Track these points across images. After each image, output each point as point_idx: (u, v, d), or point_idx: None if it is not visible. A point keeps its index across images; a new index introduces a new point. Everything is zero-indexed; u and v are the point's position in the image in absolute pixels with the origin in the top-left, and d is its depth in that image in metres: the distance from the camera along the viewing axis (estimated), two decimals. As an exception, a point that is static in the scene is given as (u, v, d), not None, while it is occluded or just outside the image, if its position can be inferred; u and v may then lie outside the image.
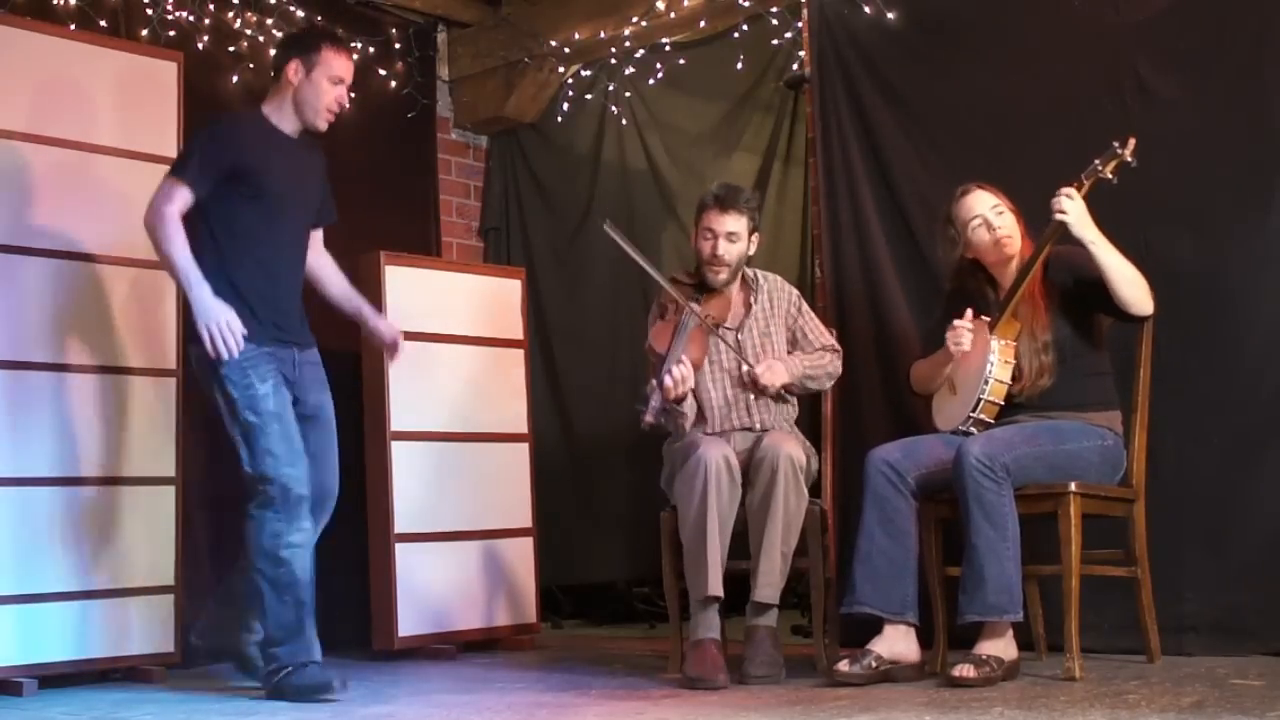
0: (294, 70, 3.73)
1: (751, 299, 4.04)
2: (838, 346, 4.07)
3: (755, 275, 4.08)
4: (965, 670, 3.29)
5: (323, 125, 3.78)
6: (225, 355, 3.55)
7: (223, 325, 3.54)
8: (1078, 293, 3.58)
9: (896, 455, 3.55)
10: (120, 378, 4.10)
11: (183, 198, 3.61)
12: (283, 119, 3.78)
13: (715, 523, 3.63)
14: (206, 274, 3.60)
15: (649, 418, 3.72)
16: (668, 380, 3.71)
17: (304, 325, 3.83)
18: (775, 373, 3.89)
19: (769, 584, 3.66)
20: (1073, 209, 3.44)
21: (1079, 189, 3.46)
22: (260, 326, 3.66)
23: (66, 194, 4.05)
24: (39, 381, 3.94)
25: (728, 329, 3.99)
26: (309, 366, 3.80)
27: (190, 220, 3.64)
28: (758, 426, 3.93)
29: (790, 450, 3.69)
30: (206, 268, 3.61)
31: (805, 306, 4.10)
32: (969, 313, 3.60)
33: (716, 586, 3.62)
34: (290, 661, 3.58)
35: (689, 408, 3.91)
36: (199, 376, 3.71)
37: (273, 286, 3.72)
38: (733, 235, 3.93)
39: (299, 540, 3.60)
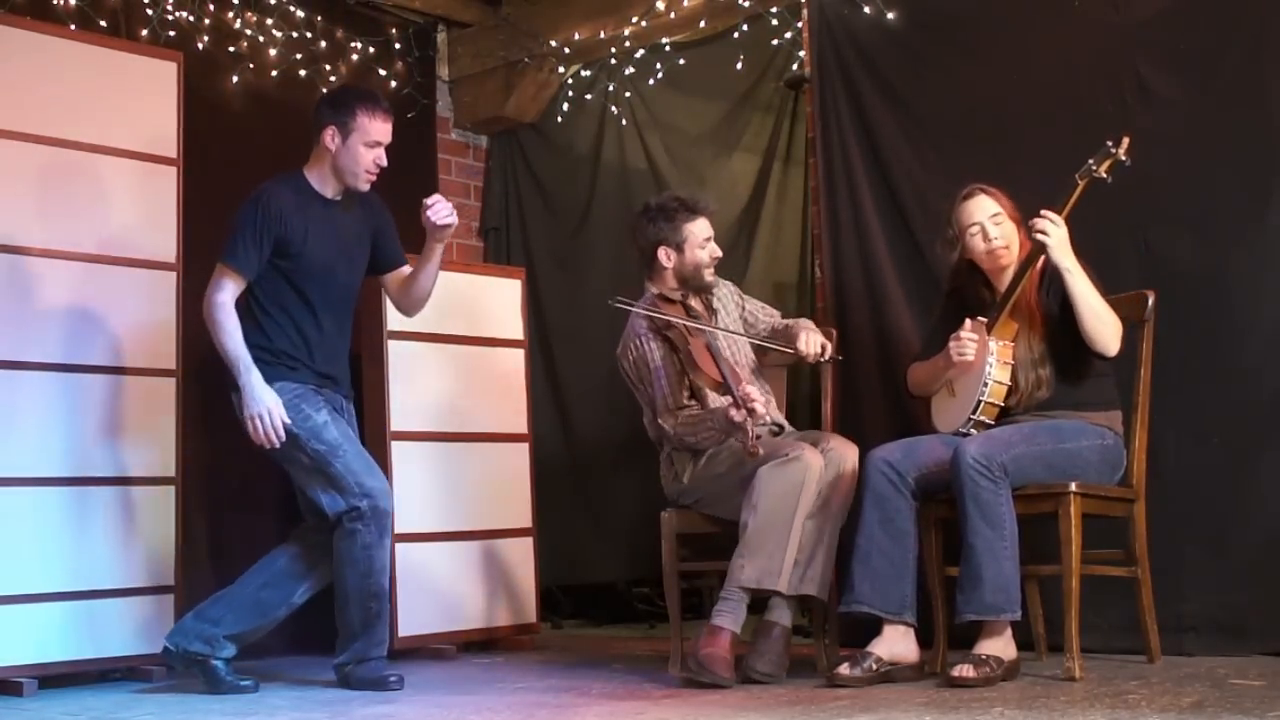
0: (330, 137, 3.79)
1: (715, 301, 4.06)
2: (777, 313, 4.18)
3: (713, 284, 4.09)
4: (965, 670, 3.29)
5: (364, 187, 3.85)
6: (267, 445, 3.66)
7: (267, 416, 3.64)
8: (1065, 310, 3.56)
9: (897, 455, 3.55)
10: (120, 378, 4.10)
11: (233, 286, 3.72)
12: (324, 183, 3.84)
13: (800, 521, 3.62)
14: (247, 337, 3.71)
15: (758, 449, 3.55)
16: (758, 409, 3.64)
17: (345, 380, 3.93)
18: (817, 336, 3.93)
19: (824, 582, 3.67)
20: (1055, 233, 3.44)
21: (1073, 191, 3.46)
22: (305, 372, 3.78)
23: (66, 194, 4.05)
24: (39, 381, 3.94)
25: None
26: (346, 414, 3.91)
27: None
28: (770, 422, 3.93)
29: (854, 457, 3.72)
30: (247, 332, 3.72)
31: (746, 296, 4.19)
32: (968, 323, 3.59)
33: (785, 583, 3.60)
34: (360, 656, 3.74)
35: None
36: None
37: (312, 349, 3.81)
38: (712, 236, 4.01)
39: (384, 558, 3.77)
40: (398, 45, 5.48)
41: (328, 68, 5.17)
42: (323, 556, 3.82)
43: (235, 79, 4.95)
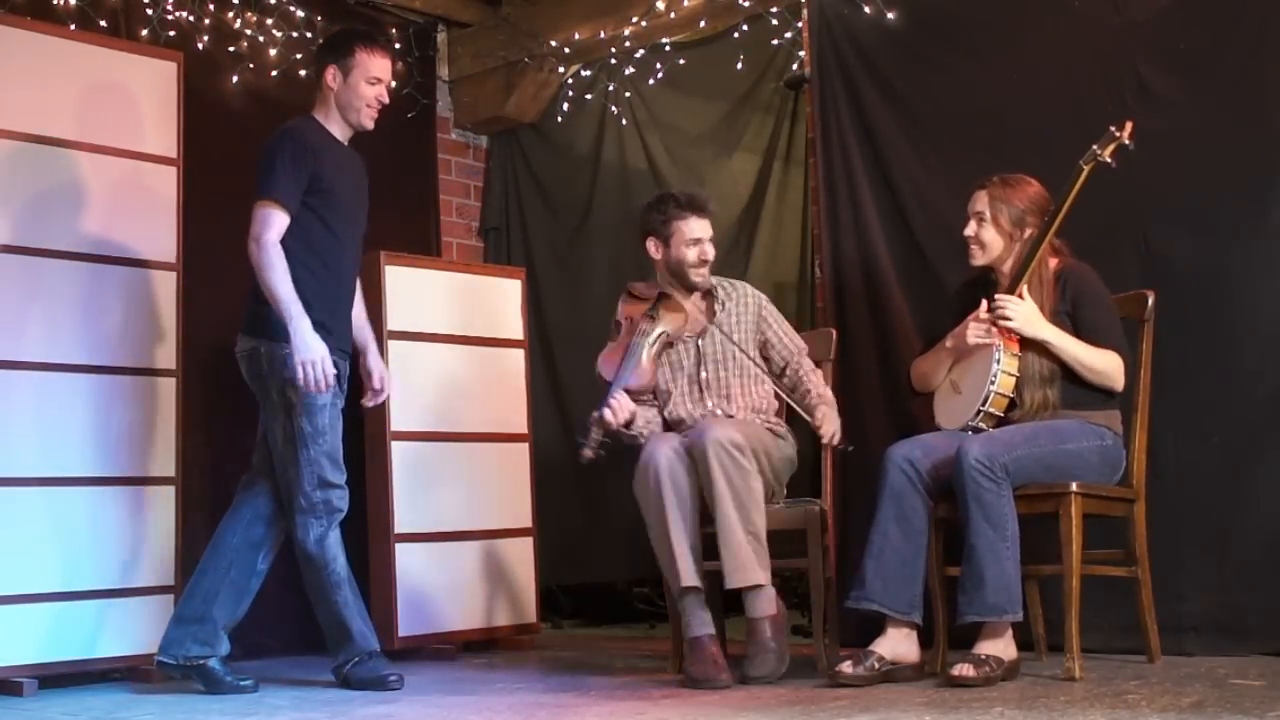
0: (331, 76, 3.83)
1: (716, 307, 4.03)
2: (804, 346, 4.07)
3: (719, 285, 4.08)
4: (965, 670, 3.29)
5: (369, 124, 3.88)
6: (314, 391, 3.65)
7: (319, 364, 3.63)
8: (1077, 314, 3.58)
9: (916, 453, 3.51)
10: (120, 378, 4.10)
11: (280, 222, 3.69)
12: (331, 125, 3.87)
13: (675, 512, 3.60)
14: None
15: (587, 452, 3.71)
16: (607, 414, 3.72)
17: (349, 335, 3.94)
18: (832, 421, 3.82)
19: (737, 568, 3.57)
20: (1018, 313, 3.48)
21: (1078, 177, 3.47)
22: (330, 337, 3.75)
23: (67, 194, 4.05)
24: (39, 381, 3.94)
25: (689, 336, 3.98)
26: (341, 376, 3.89)
27: None
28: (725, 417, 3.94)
29: (717, 433, 3.61)
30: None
31: (772, 311, 4.08)
32: (985, 305, 3.59)
33: (690, 576, 3.59)
34: (354, 655, 3.75)
35: (643, 426, 3.88)
36: (251, 369, 3.77)
37: (339, 297, 3.84)
38: (712, 238, 4.01)
39: (337, 546, 3.77)
40: (398, 45, 5.47)
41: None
42: (271, 517, 3.83)
43: (235, 79, 4.94)
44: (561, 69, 5.65)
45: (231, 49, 4.97)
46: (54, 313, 3.99)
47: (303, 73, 5.08)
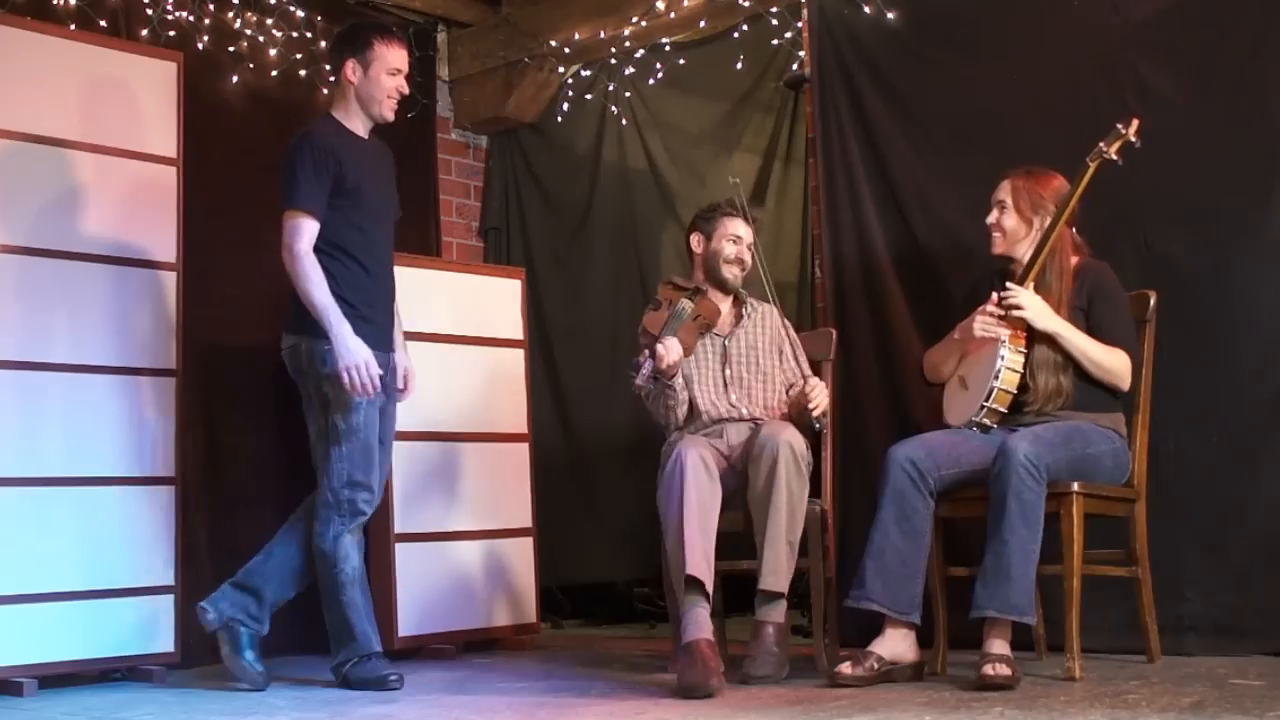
0: (351, 70, 3.84)
1: (743, 314, 4.07)
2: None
3: (748, 300, 4.12)
4: (1002, 669, 3.24)
5: (390, 115, 3.89)
6: (361, 395, 3.67)
7: (363, 368, 3.65)
8: (1092, 309, 3.58)
9: (920, 454, 3.50)
10: (120, 378, 4.10)
11: (310, 229, 3.70)
12: (352, 120, 3.87)
13: (694, 511, 3.58)
14: None
15: (639, 380, 3.81)
16: (660, 349, 3.78)
17: (391, 328, 3.94)
18: (823, 394, 3.88)
19: (774, 571, 3.62)
20: (1029, 304, 3.50)
21: (1085, 174, 3.47)
22: (372, 331, 3.77)
23: (66, 194, 4.05)
24: (40, 382, 3.94)
25: (717, 335, 4.03)
26: (389, 372, 3.89)
27: None
28: (745, 414, 3.95)
29: (789, 437, 3.67)
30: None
31: (794, 335, 4.11)
32: (995, 297, 3.59)
33: (696, 566, 3.55)
34: (347, 656, 3.76)
35: (680, 388, 3.94)
36: (293, 365, 3.79)
37: (376, 293, 3.84)
38: (751, 245, 4.06)
39: (350, 546, 3.77)
40: (398, 43, 5.47)
41: (327, 68, 5.16)
42: None
43: (235, 79, 4.94)
44: (561, 69, 5.65)
45: (231, 49, 4.96)
46: (54, 313, 3.99)
47: (303, 73, 5.08)
